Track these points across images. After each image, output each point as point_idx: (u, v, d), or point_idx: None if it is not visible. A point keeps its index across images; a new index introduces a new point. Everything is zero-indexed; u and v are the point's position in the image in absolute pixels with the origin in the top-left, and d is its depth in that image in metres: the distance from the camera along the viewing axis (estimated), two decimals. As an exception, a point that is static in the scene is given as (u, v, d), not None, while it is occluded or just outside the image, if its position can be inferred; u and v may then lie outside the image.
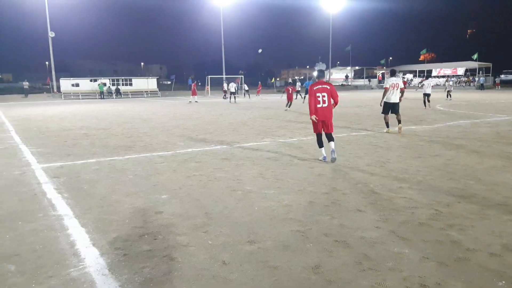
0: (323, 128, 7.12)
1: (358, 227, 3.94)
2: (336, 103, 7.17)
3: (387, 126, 10.65)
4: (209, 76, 44.87)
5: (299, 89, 31.15)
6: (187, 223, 4.13)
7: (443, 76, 60.00)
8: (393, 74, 10.73)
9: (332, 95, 7.02)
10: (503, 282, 2.84)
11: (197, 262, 3.23)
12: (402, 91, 10.35)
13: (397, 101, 10.30)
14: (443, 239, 3.62)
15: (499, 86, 51.27)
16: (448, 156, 7.37)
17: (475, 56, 53.38)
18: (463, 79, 55.58)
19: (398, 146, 8.55)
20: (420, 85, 31.82)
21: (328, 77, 62.67)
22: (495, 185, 5.38)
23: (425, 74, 61.29)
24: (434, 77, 60.72)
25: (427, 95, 19.33)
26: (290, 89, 20.60)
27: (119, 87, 43.22)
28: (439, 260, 3.19)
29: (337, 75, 73.69)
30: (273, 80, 63.35)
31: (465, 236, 3.68)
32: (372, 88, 59.32)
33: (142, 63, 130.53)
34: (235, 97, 29.59)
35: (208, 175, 6.19)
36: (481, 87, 48.21)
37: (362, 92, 47.76)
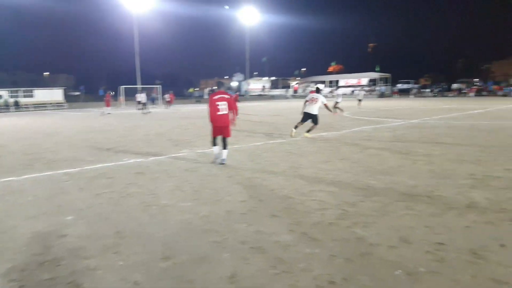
0: (221, 133, 7.87)
1: (273, 232, 4.05)
2: (235, 110, 8.05)
3: (295, 128, 11.80)
4: (122, 86, 42.83)
5: None
6: (96, 244, 3.87)
7: (349, 86, 64.95)
8: (317, 91, 12.08)
9: (230, 104, 7.79)
10: (400, 271, 3.13)
11: (106, 286, 3.04)
12: (326, 106, 11.60)
13: (315, 113, 11.42)
14: (349, 236, 3.88)
15: (397, 95, 56.98)
16: (354, 159, 7.95)
17: (377, 68, 58.87)
18: (366, 88, 60.74)
19: (310, 152, 9.00)
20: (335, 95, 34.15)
21: (246, 87, 63.98)
22: (394, 183, 5.93)
23: (335, 84, 65.73)
24: (343, 87, 65.44)
25: (337, 103, 21.19)
26: (234, 97, 20.64)
27: (18, 99, 39.31)
28: (346, 256, 3.41)
29: (255, 85, 75.63)
30: (191, 90, 62.80)
31: (368, 232, 3.98)
32: (287, 98, 61.82)
33: (46, 73, 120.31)
34: (146, 108, 28.57)
35: (120, 191, 5.88)
36: (382, 95, 53.12)
37: (279, 102, 49.56)
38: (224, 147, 7.91)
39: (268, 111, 27.02)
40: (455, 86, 57.32)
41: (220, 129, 7.81)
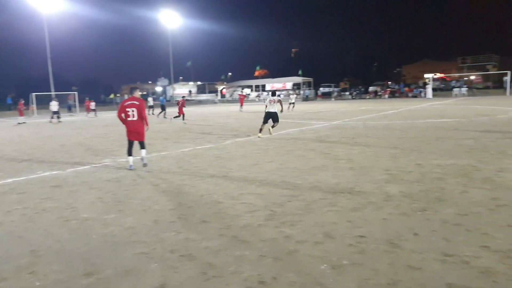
0: (135, 138, 7.93)
1: (203, 238, 4.00)
2: (143, 118, 7.86)
3: (260, 132, 12.91)
4: (33, 94, 39.41)
5: (152, 104, 30.87)
6: (8, 266, 3.51)
7: (275, 90, 66.92)
8: (273, 94, 13.48)
9: (140, 110, 7.81)
10: (325, 265, 3.28)
11: (20, 310, 2.77)
12: (281, 105, 13.57)
13: (275, 110, 12.83)
14: (277, 236, 3.97)
15: (320, 98, 59.83)
16: (281, 161, 8.17)
17: (300, 72, 61.34)
18: (290, 92, 63.03)
19: (239, 156, 9.07)
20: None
21: (171, 92, 62.64)
22: (318, 182, 6.20)
23: (260, 88, 67.23)
24: (269, 91, 67.13)
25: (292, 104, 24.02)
26: (181, 102, 20.65)
27: None
28: (274, 256, 3.48)
29: (181, 90, 74.35)
30: (112, 95, 59.94)
31: (295, 230, 4.11)
32: (215, 103, 61.75)
33: None
34: (58, 117, 26.30)
35: (34, 207, 5.41)
36: (306, 98, 55.47)
37: (207, 107, 49.29)
38: (141, 147, 8.04)
39: (196, 115, 26.75)
40: (371, 88, 61.66)
41: (133, 134, 7.90)
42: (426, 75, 60.28)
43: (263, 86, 69.34)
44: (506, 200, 4.89)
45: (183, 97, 27.03)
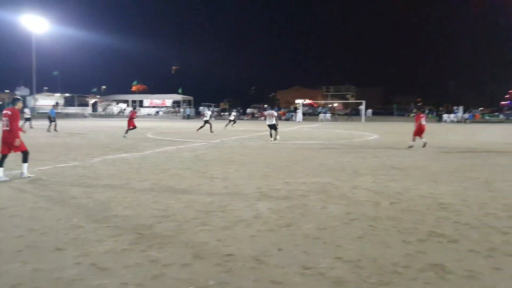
0: (11, 149, 7.76)
1: (55, 268, 3.54)
2: (12, 129, 7.68)
3: (271, 136, 17.42)
4: None
5: (29, 116, 26.97)
6: None
7: (154, 107, 65.25)
8: (269, 108, 18.99)
9: (11, 119, 7.69)
10: (192, 287, 3.18)
11: None
12: (276, 118, 17.43)
13: (274, 122, 17.18)
14: (142, 260, 3.74)
15: (203, 116, 59.95)
16: (154, 180, 7.86)
17: (180, 90, 60.91)
18: (171, 109, 62.17)
19: (107, 175, 8.43)
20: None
21: (33, 103, 55.80)
22: (192, 201, 6.10)
23: (138, 104, 64.77)
24: (148, 107, 65.12)
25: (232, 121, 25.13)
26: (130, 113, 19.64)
27: None
28: (137, 282, 3.25)
29: (45, 101, 66.73)
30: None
31: (163, 253, 3.93)
32: (85, 117, 57.04)
33: None
34: None
35: None
36: (188, 117, 55.31)
37: (75, 121, 45.17)
38: (23, 160, 7.92)
39: (63, 130, 24.25)
40: (249, 110, 64.65)
41: (8, 146, 7.73)
42: (297, 101, 65.91)
43: (141, 101, 66.92)
44: (358, 214, 5.50)
45: (134, 108, 25.72)
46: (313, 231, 4.69)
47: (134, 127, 19.16)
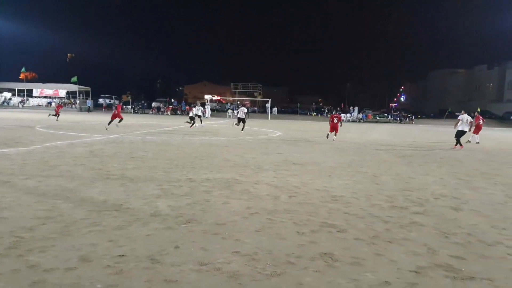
0: None
1: None
2: None
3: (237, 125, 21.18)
4: None
5: None
6: None
7: (45, 97, 59.34)
8: (242, 106, 22.82)
9: None
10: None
11: None
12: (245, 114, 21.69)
13: (243, 117, 21.46)
14: (20, 266, 3.33)
15: (105, 109, 56.07)
16: (40, 178, 7.09)
17: (74, 79, 55.72)
18: (66, 101, 57.05)
19: (-17, 172, 7.38)
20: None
21: None
22: (82, 201, 5.63)
23: (25, 93, 58.35)
24: (38, 97, 58.95)
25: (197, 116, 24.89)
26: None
27: None
28: (9, 293, 2.87)
29: None
30: None
31: (44, 257, 3.54)
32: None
33: None
34: None
35: None
36: (89, 109, 51.42)
37: None
38: None
39: None
40: (154, 104, 62.33)
41: None
42: (205, 96, 65.34)
43: (30, 91, 60.32)
44: (257, 208, 5.62)
45: (119, 102, 24.93)
46: (213, 227, 4.66)
47: (119, 120, 21.01)
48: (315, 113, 65.56)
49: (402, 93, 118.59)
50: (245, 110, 22.20)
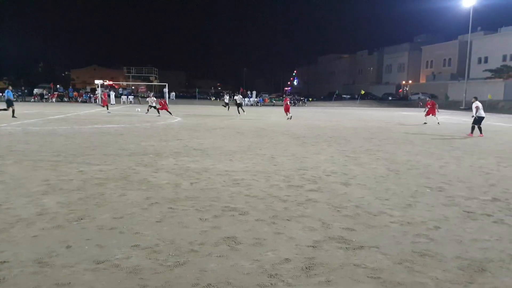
0: None
1: None
2: None
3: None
4: None
5: None
6: None
7: None
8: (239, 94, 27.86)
9: None
10: None
11: None
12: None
13: (241, 102, 27.06)
14: None
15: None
16: None
17: None
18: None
19: None
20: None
21: None
22: None
23: None
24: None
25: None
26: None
27: None
28: None
29: None
30: None
31: None
32: None
33: None
34: None
35: None
36: None
37: None
38: None
39: None
40: (36, 91, 55.85)
41: None
42: (96, 81, 60.45)
43: None
44: (157, 198, 5.44)
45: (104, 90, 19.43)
46: (109, 222, 4.39)
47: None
48: (214, 98, 65.58)
49: (295, 77, 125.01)
50: (241, 97, 28.79)
